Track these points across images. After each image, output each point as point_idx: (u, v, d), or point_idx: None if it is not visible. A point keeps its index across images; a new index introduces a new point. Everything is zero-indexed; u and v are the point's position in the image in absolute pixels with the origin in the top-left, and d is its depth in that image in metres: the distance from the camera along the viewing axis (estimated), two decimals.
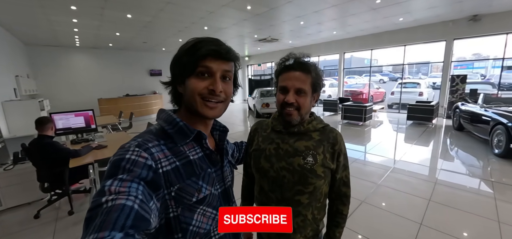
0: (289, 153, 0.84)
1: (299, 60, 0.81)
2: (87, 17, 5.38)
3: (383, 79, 19.30)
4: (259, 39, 9.07)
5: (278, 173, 0.84)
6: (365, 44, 9.09)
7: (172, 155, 0.54)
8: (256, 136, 0.95)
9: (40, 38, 7.29)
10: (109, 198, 0.39)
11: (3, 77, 5.12)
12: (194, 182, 0.56)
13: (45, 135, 2.50)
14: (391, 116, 8.36)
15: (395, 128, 6.49)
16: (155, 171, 0.48)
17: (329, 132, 0.87)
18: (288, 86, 0.80)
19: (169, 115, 0.59)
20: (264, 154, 0.87)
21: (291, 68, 0.81)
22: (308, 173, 0.81)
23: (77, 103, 8.77)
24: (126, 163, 0.46)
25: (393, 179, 3.21)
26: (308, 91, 0.80)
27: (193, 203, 0.55)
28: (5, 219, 2.62)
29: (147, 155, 0.49)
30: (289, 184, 0.83)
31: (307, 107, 0.82)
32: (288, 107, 0.80)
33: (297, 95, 0.79)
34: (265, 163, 0.86)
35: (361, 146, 4.94)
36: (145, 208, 0.42)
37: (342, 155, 0.86)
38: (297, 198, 0.83)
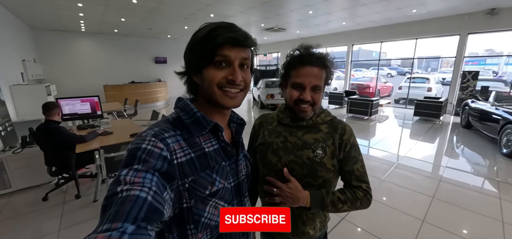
0: (297, 146, 0.82)
1: (316, 54, 0.76)
2: (92, 1, 5.33)
3: (391, 73, 18.92)
4: (266, 28, 8.89)
5: (286, 166, 0.82)
6: (375, 36, 8.84)
7: (188, 146, 0.53)
8: (262, 130, 0.93)
9: (46, 22, 7.29)
10: (124, 188, 0.40)
11: (10, 61, 5.17)
12: (208, 175, 0.55)
13: (52, 120, 2.53)
14: (397, 111, 8.22)
15: (401, 124, 6.40)
16: (170, 162, 0.49)
17: (337, 124, 0.84)
18: (305, 83, 0.75)
19: (187, 105, 0.58)
20: (271, 147, 0.85)
21: (308, 63, 0.75)
22: (317, 166, 0.79)
23: (83, 89, 8.86)
24: (142, 153, 0.46)
25: (397, 175, 3.19)
26: (322, 87, 0.78)
27: (206, 196, 0.55)
28: (15, 200, 2.70)
29: (163, 145, 0.49)
30: (297, 177, 0.80)
31: (321, 102, 0.80)
32: (304, 104, 0.77)
33: (313, 92, 0.76)
34: (272, 157, 0.84)
35: (365, 140, 4.90)
36: (158, 199, 0.42)
37: (349, 145, 0.81)
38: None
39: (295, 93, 0.77)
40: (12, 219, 2.36)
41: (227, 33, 0.52)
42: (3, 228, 2.22)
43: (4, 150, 2.85)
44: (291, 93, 0.78)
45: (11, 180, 2.80)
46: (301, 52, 0.77)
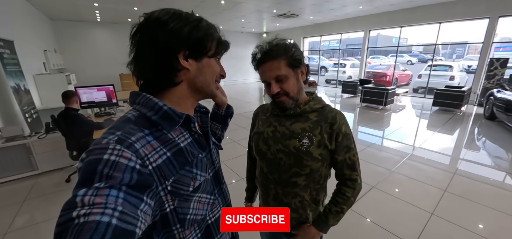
0: (285, 136, 0.84)
1: (264, 49, 0.79)
2: None
3: (412, 60, 17.91)
4: (278, 15, 8.67)
5: (275, 155, 0.86)
6: (394, 20, 8.34)
7: (161, 146, 0.48)
8: (257, 119, 0.99)
9: (63, 13, 7.57)
10: (81, 212, 0.33)
11: (33, 51, 5.48)
12: (188, 171, 0.51)
13: (70, 107, 2.69)
14: (415, 101, 7.85)
15: (418, 114, 6.12)
16: (141, 172, 0.42)
17: (328, 112, 0.84)
18: (267, 78, 0.80)
19: (149, 99, 0.50)
20: (262, 137, 0.90)
21: (261, 61, 0.80)
22: (303, 155, 0.81)
23: (100, 77, 9.23)
24: (104, 167, 0.38)
25: (409, 166, 3.09)
26: (288, 73, 0.79)
27: (190, 193, 0.52)
28: (41, 181, 2.95)
29: (130, 153, 0.42)
30: (285, 166, 0.85)
31: (293, 88, 0.81)
32: (277, 97, 0.81)
33: (279, 83, 0.79)
34: (263, 145, 0.89)
35: (378, 130, 4.76)
36: (127, 219, 0.36)
37: (341, 135, 0.81)
38: (293, 179, 0.86)
39: (268, 89, 0.82)
40: (39, 198, 2.59)
41: (227, 42, 0.60)
42: (33, 206, 2.44)
43: (31, 135, 3.09)
44: (266, 89, 0.84)
45: (37, 163, 3.04)
46: (256, 53, 0.81)
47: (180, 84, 0.54)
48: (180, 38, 0.50)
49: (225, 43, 0.58)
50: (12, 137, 2.94)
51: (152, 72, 0.51)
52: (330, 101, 8.00)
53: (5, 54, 3.51)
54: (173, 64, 0.51)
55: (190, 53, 0.52)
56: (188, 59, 0.52)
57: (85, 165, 0.39)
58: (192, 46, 0.51)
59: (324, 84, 12.49)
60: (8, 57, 3.59)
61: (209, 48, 0.54)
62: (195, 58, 0.53)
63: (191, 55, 0.52)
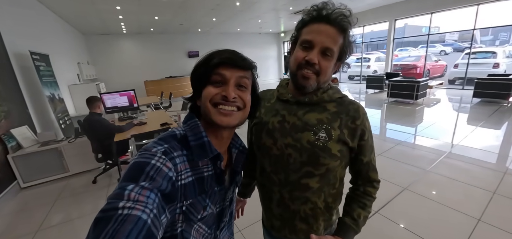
0: (296, 127, 0.69)
1: (335, 12, 0.62)
2: (127, 2, 5.75)
3: (445, 50, 16.33)
4: (295, 12, 8.47)
5: (282, 151, 0.70)
6: (423, 7, 7.64)
7: (190, 168, 0.53)
8: (258, 107, 0.79)
9: (93, 27, 8.20)
10: (127, 204, 0.38)
11: (68, 64, 6.00)
12: (203, 199, 0.56)
13: (94, 112, 2.83)
14: (452, 93, 7.08)
15: (456, 107, 5.48)
16: (173, 184, 0.48)
17: (348, 104, 0.70)
18: (315, 41, 0.62)
19: (197, 125, 0.57)
20: (266, 128, 0.73)
21: (324, 20, 0.62)
22: (320, 152, 0.66)
23: (127, 85, 9.77)
24: (151, 170, 0.44)
25: (447, 165, 2.73)
26: (335, 54, 0.64)
27: (197, 219, 0.56)
28: (72, 182, 3.14)
29: (171, 165, 0.48)
30: (295, 165, 0.69)
31: (328, 73, 0.65)
32: (308, 68, 0.63)
33: (322, 56, 0.63)
34: (267, 139, 0.72)
35: (409, 127, 4.33)
36: (156, 224, 0.41)
37: (367, 133, 0.69)
38: (304, 181, 0.69)
39: (301, 54, 0.64)
40: (71, 197, 2.76)
41: (224, 54, 0.55)
42: (64, 205, 2.61)
43: (62, 140, 3.32)
44: (297, 53, 0.65)
45: (68, 165, 3.26)
46: (321, 8, 0.63)
47: (201, 118, 0.59)
48: (192, 83, 0.59)
49: (213, 63, 0.54)
50: (46, 141, 3.18)
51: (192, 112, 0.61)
52: (354, 98, 7.55)
53: (41, 66, 3.84)
54: (195, 105, 0.60)
55: (197, 93, 0.58)
56: (199, 98, 0.58)
57: (135, 164, 0.45)
58: (194, 87, 0.59)
59: (347, 80, 11.91)
60: (44, 69, 3.93)
61: (200, 80, 0.57)
62: (198, 96, 0.58)
63: (198, 94, 0.58)
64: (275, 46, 14.55)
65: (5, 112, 2.97)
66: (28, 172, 3.02)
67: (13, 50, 3.39)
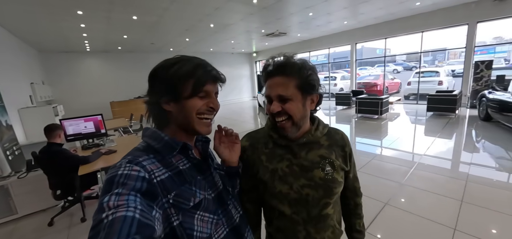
0: (306, 168, 0.74)
1: (279, 62, 0.69)
2: (94, 21, 5.40)
3: (397, 69, 18.52)
4: (266, 34, 8.85)
5: (299, 193, 0.73)
6: (378, 33, 8.65)
7: (163, 167, 0.56)
8: (256, 155, 0.79)
9: (52, 45, 7.45)
10: (109, 213, 0.40)
11: (19, 85, 5.25)
12: (188, 188, 0.58)
13: (53, 142, 2.47)
14: (408, 107, 7.93)
15: (414, 121, 6.12)
16: (150, 181, 0.50)
17: (334, 134, 0.81)
18: (271, 94, 0.70)
19: (154, 131, 0.61)
20: (277, 175, 0.74)
21: (271, 74, 0.70)
22: (331, 184, 0.73)
23: (90, 107, 8.95)
24: (120, 178, 0.47)
25: (418, 177, 2.97)
26: (294, 96, 0.69)
27: (191, 208, 0.57)
28: (21, 226, 2.63)
29: (139, 167, 0.50)
30: (314, 201, 0.73)
31: (298, 113, 0.70)
32: (278, 117, 0.71)
33: (282, 103, 0.69)
34: (282, 186, 0.73)
35: (379, 141, 4.67)
36: (147, 217, 0.43)
37: (352, 154, 0.83)
38: (324, 212, 0.75)
39: (268, 107, 0.72)
40: None
41: (210, 73, 0.60)
42: None
43: (10, 175, 2.81)
44: (267, 107, 0.75)
45: (17, 206, 2.74)
46: (268, 64, 0.71)
47: (171, 123, 0.63)
48: (160, 87, 0.59)
49: (202, 81, 0.59)
50: None
51: (151, 115, 0.64)
52: (325, 114, 7.98)
53: None
54: (160, 108, 0.61)
55: (169, 98, 0.59)
56: (170, 103, 0.60)
57: (105, 182, 0.47)
58: (168, 92, 0.59)
59: None
60: None
61: (183, 91, 0.58)
62: (174, 101, 0.59)
63: (172, 100, 0.59)
64: (247, 66, 14.87)
65: None
66: None
67: None
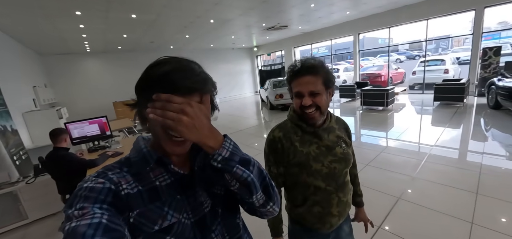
0: (330, 147, 0.94)
1: (306, 64, 0.85)
2: (93, 21, 5.33)
3: (400, 59, 18.24)
4: (267, 28, 8.72)
5: (329, 167, 0.93)
6: (382, 22, 8.47)
7: (135, 181, 0.50)
8: (290, 142, 0.93)
9: (52, 47, 7.42)
10: (74, 220, 0.39)
11: (22, 89, 5.24)
12: (158, 207, 0.50)
13: (60, 147, 2.45)
14: (414, 98, 7.81)
15: (421, 111, 6.03)
16: (116, 193, 0.46)
17: (340, 120, 1.06)
18: (302, 91, 0.86)
19: (137, 142, 0.56)
20: (311, 157, 0.92)
21: (298, 74, 0.87)
22: (348, 156, 0.97)
23: (94, 108, 8.96)
24: (84, 191, 0.44)
25: (430, 169, 2.91)
26: (321, 91, 0.86)
27: (155, 232, 0.49)
28: (32, 231, 2.64)
29: (104, 180, 0.47)
30: (339, 172, 0.95)
31: (324, 105, 0.89)
32: (308, 109, 0.87)
33: (313, 97, 0.86)
34: (316, 164, 0.91)
35: (386, 133, 4.60)
36: (115, 222, 0.41)
37: (351, 134, 1.08)
38: (346, 179, 1.00)
39: (297, 101, 0.89)
40: None
41: (185, 82, 0.47)
42: None
43: (18, 181, 2.81)
44: (295, 102, 0.91)
45: (27, 211, 2.74)
46: (296, 66, 0.88)
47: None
48: (136, 88, 0.53)
49: (152, 87, 0.47)
50: None
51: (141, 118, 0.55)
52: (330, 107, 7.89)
53: None
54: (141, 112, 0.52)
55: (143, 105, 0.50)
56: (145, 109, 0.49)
57: (71, 197, 0.44)
58: (142, 96, 0.51)
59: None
60: None
61: (145, 101, 0.48)
62: (144, 108, 0.48)
63: (143, 106, 0.50)
64: (248, 61, 14.74)
65: None
66: None
67: None
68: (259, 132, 5.76)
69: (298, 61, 0.88)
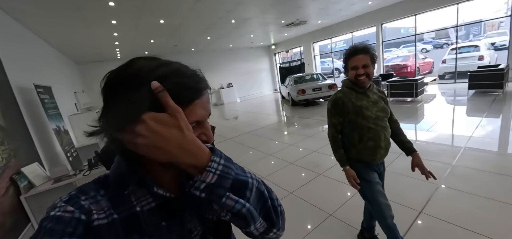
0: (375, 101, 1.38)
1: (360, 46, 1.30)
2: (125, 28, 5.73)
3: (426, 48, 17.21)
4: (286, 24, 8.72)
5: (376, 114, 1.36)
6: (407, 10, 8.09)
7: (111, 207, 0.41)
8: (347, 100, 1.37)
9: (87, 56, 8.08)
10: None
11: (66, 95, 5.81)
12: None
13: None
14: (445, 87, 7.40)
15: (454, 101, 5.72)
16: (86, 224, 0.38)
17: (380, 90, 1.48)
18: (358, 64, 1.30)
19: (117, 157, 0.46)
20: (364, 107, 1.35)
21: (357, 53, 1.30)
22: (387, 107, 1.42)
23: None
24: (49, 222, 0.36)
25: (471, 157, 2.80)
26: (370, 64, 1.30)
27: None
28: None
29: (73, 208, 0.38)
30: (383, 118, 1.38)
31: (371, 73, 1.31)
32: (361, 77, 1.30)
33: (364, 68, 1.29)
34: (367, 111, 1.35)
35: (418, 124, 4.45)
36: None
37: (387, 102, 1.48)
38: (387, 123, 1.41)
39: (353, 72, 1.32)
40: None
41: (202, 84, 0.45)
42: None
43: (75, 174, 3.15)
44: (351, 73, 1.33)
45: None
46: (352, 48, 1.32)
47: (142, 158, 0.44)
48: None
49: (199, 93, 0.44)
50: (59, 177, 3.01)
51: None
52: None
53: (45, 99, 3.70)
54: None
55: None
56: None
57: (37, 228, 0.38)
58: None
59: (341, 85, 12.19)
60: (48, 102, 3.78)
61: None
62: None
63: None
64: (267, 59, 14.81)
65: (13, 150, 2.79)
66: (42, 212, 2.81)
67: (17, 84, 3.25)
68: (282, 128, 5.81)
69: (352, 46, 1.32)
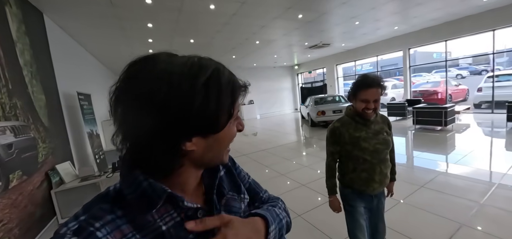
0: (376, 132, 1.34)
1: (374, 79, 1.24)
2: (159, 46, 6.31)
3: (462, 74, 16.07)
4: (309, 46, 8.87)
5: (375, 147, 1.32)
6: (436, 35, 7.79)
7: (134, 231, 0.38)
8: (346, 130, 1.35)
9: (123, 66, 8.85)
10: None
11: (101, 102, 6.45)
12: None
13: None
14: (480, 117, 6.80)
15: (490, 133, 5.22)
16: None
17: (384, 117, 1.44)
18: (369, 98, 1.25)
19: (128, 170, 0.40)
20: (361, 138, 1.31)
21: (371, 86, 1.24)
22: (388, 142, 1.35)
23: None
24: None
25: (502, 197, 2.52)
26: (379, 98, 1.26)
27: None
28: None
29: None
30: (382, 151, 1.33)
31: (379, 108, 1.30)
32: (369, 110, 1.27)
33: (375, 103, 1.26)
34: (365, 143, 1.31)
35: (445, 155, 4.13)
36: None
37: (391, 127, 1.44)
38: (387, 156, 1.38)
39: (362, 105, 1.27)
40: None
41: (239, 85, 0.46)
42: None
43: (100, 175, 3.44)
44: (360, 104, 1.28)
45: None
46: (365, 80, 1.26)
47: (184, 164, 0.42)
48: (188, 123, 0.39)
49: (236, 93, 0.44)
50: (86, 176, 3.31)
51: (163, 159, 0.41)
52: None
53: (84, 105, 4.17)
54: (171, 151, 0.39)
55: (199, 133, 0.40)
56: (196, 138, 0.40)
57: None
58: (200, 126, 0.39)
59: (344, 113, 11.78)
60: (86, 108, 4.26)
61: (223, 122, 0.41)
62: (202, 135, 0.40)
63: (201, 134, 0.40)
64: (289, 78, 15.00)
65: (52, 148, 3.17)
66: (67, 207, 3.10)
67: (63, 91, 3.74)
68: (299, 148, 5.76)
69: (366, 76, 1.26)
